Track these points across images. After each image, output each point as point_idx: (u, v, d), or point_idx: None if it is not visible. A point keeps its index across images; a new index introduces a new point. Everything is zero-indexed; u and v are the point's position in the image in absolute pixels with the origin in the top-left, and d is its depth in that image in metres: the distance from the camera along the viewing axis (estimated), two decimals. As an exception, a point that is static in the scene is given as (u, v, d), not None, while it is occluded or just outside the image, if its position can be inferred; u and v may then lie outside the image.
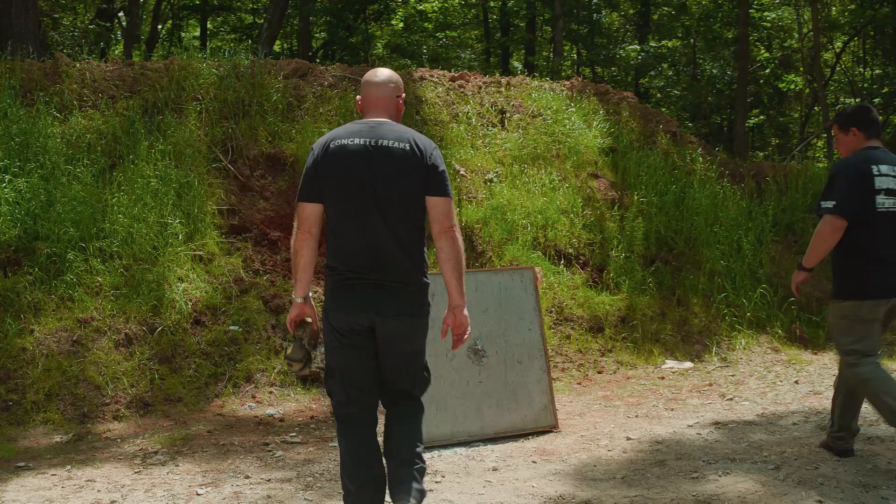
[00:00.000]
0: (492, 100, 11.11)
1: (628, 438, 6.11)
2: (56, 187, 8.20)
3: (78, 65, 9.69)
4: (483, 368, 6.26)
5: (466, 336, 4.17)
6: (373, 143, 4.05)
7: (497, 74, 12.20)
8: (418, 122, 10.35)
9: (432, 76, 11.26)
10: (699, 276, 9.85)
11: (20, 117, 8.68)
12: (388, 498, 4.11)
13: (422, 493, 4.07)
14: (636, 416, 6.83)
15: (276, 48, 24.70)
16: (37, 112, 8.82)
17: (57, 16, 16.31)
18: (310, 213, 4.09)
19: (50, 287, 7.61)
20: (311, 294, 4.22)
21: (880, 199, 5.04)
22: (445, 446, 5.98)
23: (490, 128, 10.78)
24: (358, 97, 4.34)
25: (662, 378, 8.20)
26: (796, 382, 7.94)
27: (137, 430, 6.65)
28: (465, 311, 4.11)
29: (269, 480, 5.38)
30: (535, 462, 5.63)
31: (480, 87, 11.26)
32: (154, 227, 8.28)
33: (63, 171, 8.38)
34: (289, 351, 4.22)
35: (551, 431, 6.36)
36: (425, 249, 4.18)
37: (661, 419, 6.70)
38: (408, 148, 4.04)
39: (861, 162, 5.10)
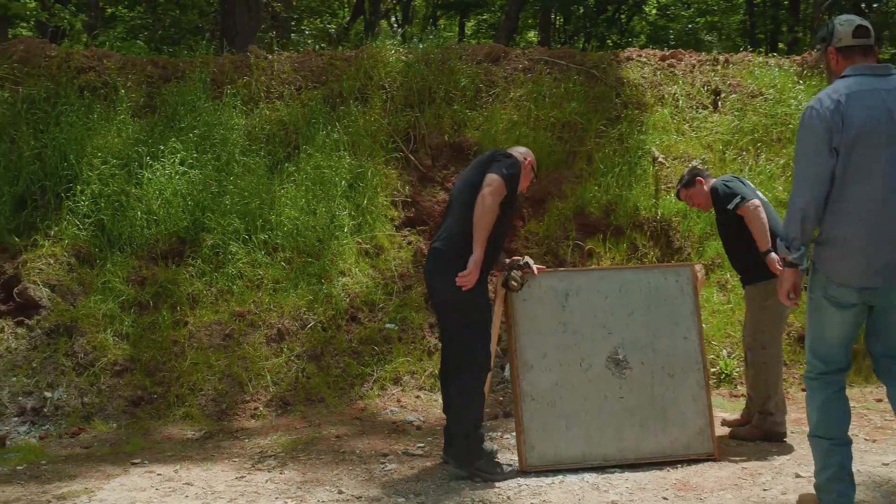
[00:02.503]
0: (705, 79, 9.95)
1: (797, 476, 5.00)
2: (228, 179, 8.14)
3: (269, 57, 9.65)
4: (625, 381, 5.37)
5: (467, 281, 4.91)
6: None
7: (714, 52, 10.95)
8: (617, 105, 9.45)
9: (640, 56, 10.29)
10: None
11: (205, 110, 8.72)
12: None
13: (459, 467, 5.13)
14: (824, 447, 5.65)
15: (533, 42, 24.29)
16: (222, 104, 8.83)
17: (286, 15, 16.68)
18: None
19: (211, 279, 7.52)
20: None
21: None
22: (575, 470, 5.16)
23: (700, 110, 9.64)
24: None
25: (879, 401, 6.83)
26: None
27: (269, 431, 6.34)
28: (472, 260, 4.89)
29: (358, 498, 4.83)
30: (665, 499, 4.68)
31: (693, 67, 10.13)
32: (322, 220, 8.01)
33: (238, 163, 8.31)
34: None
35: (708, 459, 5.36)
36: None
37: (853, 452, 5.47)
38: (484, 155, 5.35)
39: (731, 176, 5.97)
